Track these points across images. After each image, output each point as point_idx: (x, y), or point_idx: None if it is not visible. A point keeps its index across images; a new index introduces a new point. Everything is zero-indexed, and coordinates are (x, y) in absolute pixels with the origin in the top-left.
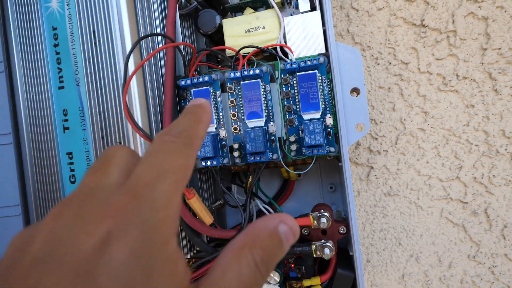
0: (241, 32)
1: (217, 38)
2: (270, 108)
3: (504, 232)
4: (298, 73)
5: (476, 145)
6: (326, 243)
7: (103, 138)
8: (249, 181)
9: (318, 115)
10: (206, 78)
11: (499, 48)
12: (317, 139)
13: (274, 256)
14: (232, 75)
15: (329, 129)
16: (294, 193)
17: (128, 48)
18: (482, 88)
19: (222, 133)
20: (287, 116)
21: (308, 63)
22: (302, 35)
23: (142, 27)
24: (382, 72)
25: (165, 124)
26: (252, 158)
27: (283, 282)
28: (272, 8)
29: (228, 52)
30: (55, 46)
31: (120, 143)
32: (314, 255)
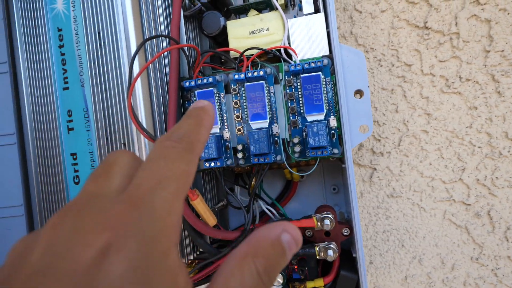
0: (245, 34)
1: (221, 39)
2: (274, 109)
3: (507, 234)
4: (302, 75)
5: (479, 147)
6: (330, 245)
7: (107, 139)
8: (253, 182)
9: (322, 116)
10: (210, 80)
11: (502, 50)
12: (321, 140)
13: (277, 265)
14: (236, 76)
15: (333, 131)
16: (297, 195)
17: (133, 49)
18: (485, 90)
19: (226, 135)
20: (291, 117)
21: (312, 65)
22: (306, 37)
23: (147, 28)
24: (385, 73)
25: (169, 125)
26: (256, 160)
27: (286, 284)
28: (276, 10)
29: (232, 53)
30: (60, 47)
31: (125, 144)
32: (318, 257)
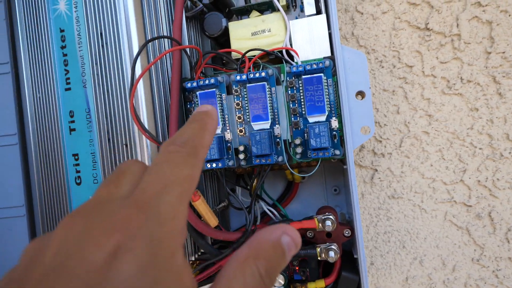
0: (247, 35)
1: (223, 40)
2: (275, 110)
3: (508, 235)
4: (303, 76)
5: (480, 148)
6: (331, 246)
7: (109, 140)
8: (254, 183)
9: (323, 118)
10: (212, 81)
11: (503, 52)
12: (322, 142)
13: (277, 267)
14: (238, 77)
15: (334, 132)
16: (298, 195)
17: (135, 50)
18: (486, 92)
19: (228, 135)
20: (293, 118)
21: (313, 66)
22: (307, 38)
23: (149, 29)
24: (386, 75)
25: (171, 125)
26: (258, 161)
27: (288, 285)
28: (277, 11)
29: (234, 54)
30: (63, 48)
31: (126, 145)
32: (319, 258)
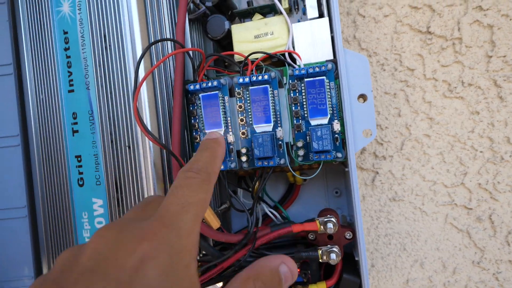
0: (250, 38)
1: (225, 43)
2: (278, 113)
3: (509, 238)
4: (306, 79)
5: (481, 152)
6: (333, 248)
7: (112, 141)
8: (256, 185)
9: (325, 121)
10: (215, 83)
11: (504, 56)
12: (324, 144)
13: None
14: (241, 80)
15: (336, 135)
16: (300, 198)
17: (139, 52)
18: (487, 95)
19: (230, 138)
20: (295, 121)
21: (316, 69)
22: (310, 41)
23: (152, 31)
24: (388, 78)
25: (174, 127)
26: (260, 163)
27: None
28: (280, 14)
29: (236, 57)
30: (66, 49)
31: (129, 147)
32: (320, 260)
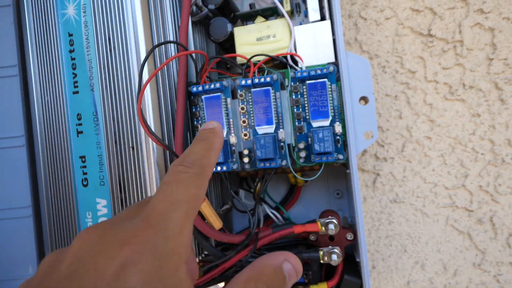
0: (252, 40)
1: (228, 45)
2: (280, 115)
3: (510, 240)
4: (308, 81)
5: (482, 154)
6: (334, 249)
7: (116, 142)
8: (258, 187)
9: (327, 122)
10: (218, 85)
11: (506, 59)
12: (326, 146)
13: None
14: (243, 82)
15: (338, 137)
16: (301, 199)
17: (143, 55)
18: (488, 98)
19: (232, 139)
20: (297, 123)
21: (318, 72)
22: (312, 44)
23: (156, 34)
24: (389, 80)
25: (177, 128)
26: (262, 165)
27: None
28: (282, 17)
29: (239, 59)
30: (71, 52)
31: (133, 148)
32: (322, 261)
